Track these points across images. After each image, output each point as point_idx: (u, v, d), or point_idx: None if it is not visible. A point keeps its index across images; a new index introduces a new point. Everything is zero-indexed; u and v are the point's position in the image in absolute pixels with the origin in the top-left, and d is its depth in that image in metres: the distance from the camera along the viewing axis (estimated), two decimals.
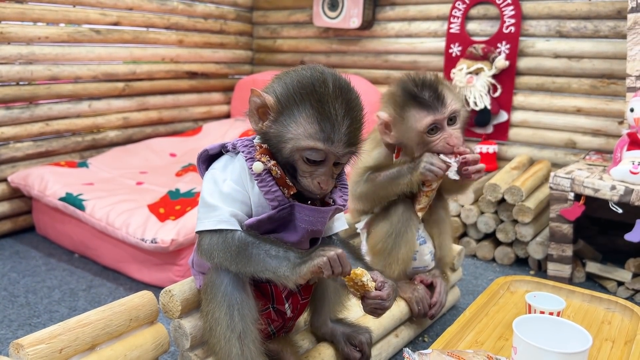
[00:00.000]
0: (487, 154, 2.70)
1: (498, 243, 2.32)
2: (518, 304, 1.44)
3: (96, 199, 2.14)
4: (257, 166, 1.03)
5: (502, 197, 2.22)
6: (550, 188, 2.02)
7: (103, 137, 2.83)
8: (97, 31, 2.70)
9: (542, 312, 1.26)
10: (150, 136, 3.06)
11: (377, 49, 3.13)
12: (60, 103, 2.63)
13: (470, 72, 2.68)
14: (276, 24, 3.57)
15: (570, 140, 2.57)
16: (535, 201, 2.20)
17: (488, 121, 2.71)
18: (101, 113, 2.81)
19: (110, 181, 2.43)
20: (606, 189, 1.88)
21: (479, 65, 2.68)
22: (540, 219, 2.27)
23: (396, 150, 1.52)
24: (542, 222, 2.27)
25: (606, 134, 2.48)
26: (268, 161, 1.04)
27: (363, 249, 1.61)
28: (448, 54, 2.83)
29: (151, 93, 3.06)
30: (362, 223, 1.66)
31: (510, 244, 2.28)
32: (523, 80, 2.67)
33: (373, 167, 1.54)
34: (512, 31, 2.63)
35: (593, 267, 2.11)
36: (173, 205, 2.10)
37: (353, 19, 3.04)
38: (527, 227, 2.18)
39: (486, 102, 2.66)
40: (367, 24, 3.09)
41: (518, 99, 2.69)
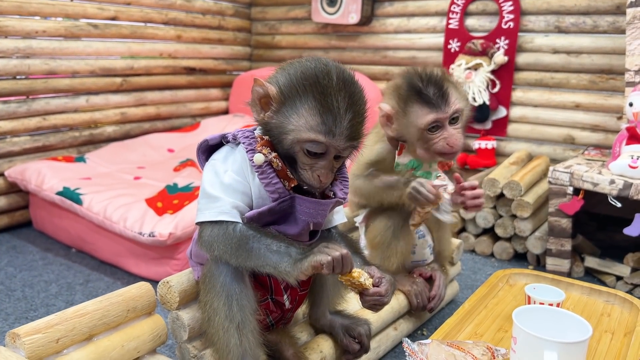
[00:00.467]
0: (486, 150, 2.70)
1: (497, 238, 2.31)
2: (517, 297, 1.44)
3: (94, 193, 2.13)
4: (258, 158, 1.03)
5: (501, 192, 2.21)
6: (549, 182, 2.02)
7: (101, 132, 2.82)
8: (95, 26, 2.69)
9: (542, 304, 1.26)
10: (148, 132, 3.05)
11: (376, 45, 3.12)
12: (57, 98, 2.61)
13: (469, 68, 2.68)
14: (274, 20, 3.56)
15: (569, 135, 2.57)
16: (534, 196, 2.20)
17: (487, 117, 2.71)
18: (99, 108, 2.80)
19: (107, 176, 2.42)
20: (605, 183, 1.87)
21: (478, 60, 2.67)
22: (538, 214, 2.26)
23: (399, 146, 1.51)
24: (541, 217, 2.27)
25: (605, 130, 2.48)
26: (269, 153, 1.03)
27: (362, 243, 1.60)
28: (447, 50, 2.82)
29: (149, 88, 3.05)
30: (361, 216, 1.65)
31: (509, 239, 2.27)
32: (522, 75, 2.66)
33: (374, 162, 1.53)
34: (511, 27, 2.62)
35: (592, 262, 2.11)
36: (171, 199, 2.10)
37: (352, 15, 3.04)
38: (526, 222, 2.18)
39: (485, 98, 2.66)
40: (366, 20, 3.08)
41: (517, 95, 2.69)
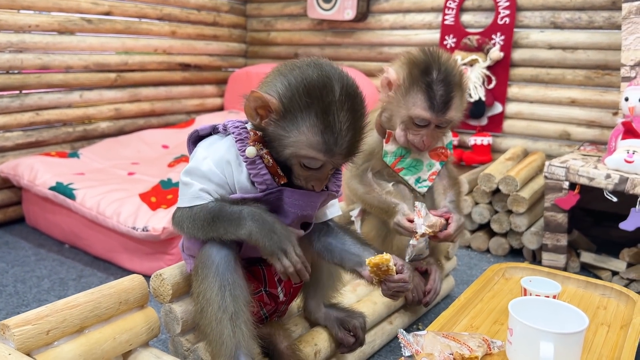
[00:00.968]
0: (482, 146, 2.69)
1: (492, 234, 2.31)
2: (513, 290, 1.43)
3: (87, 188, 2.12)
4: (250, 151, 1.02)
5: (497, 188, 2.21)
6: (545, 177, 2.01)
7: (94, 128, 2.80)
8: (89, 20, 2.67)
9: (538, 296, 1.25)
10: (142, 128, 3.03)
11: (372, 41, 3.12)
12: (50, 93, 2.59)
13: (464, 64, 2.67)
14: (270, 17, 3.55)
15: (564, 131, 2.57)
16: (529, 191, 2.19)
17: (482, 113, 2.70)
18: (93, 104, 2.78)
19: (101, 171, 2.40)
20: (601, 178, 1.87)
21: (474, 56, 2.67)
22: (534, 210, 2.26)
23: (387, 134, 1.50)
24: (537, 213, 2.27)
25: (600, 125, 2.48)
26: (261, 149, 1.02)
27: None
28: (442, 46, 2.82)
29: (143, 84, 3.03)
30: (357, 210, 1.64)
31: (504, 235, 2.27)
32: (517, 71, 2.66)
33: (366, 155, 1.52)
34: (507, 22, 2.62)
35: (587, 257, 2.10)
36: (165, 194, 2.08)
37: (347, 11, 3.03)
38: (522, 218, 2.17)
39: (480, 94, 2.65)
40: (362, 16, 3.08)
41: (512, 91, 2.68)
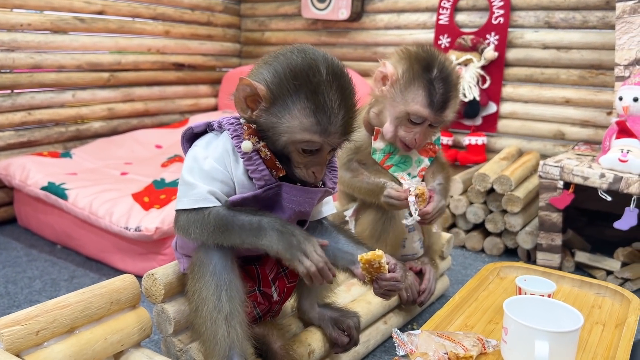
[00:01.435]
0: (476, 146, 2.69)
1: (487, 234, 2.30)
2: (508, 289, 1.43)
3: (79, 188, 2.10)
4: (246, 145, 1.00)
5: (491, 187, 2.20)
6: (539, 177, 2.01)
7: (87, 128, 2.78)
8: (82, 19, 2.65)
9: (533, 295, 1.24)
10: (135, 128, 3.01)
11: (366, 41, 3.11)
12: (43, 92, 2.57)
13: (459, 64, 2.67)
14: (264, 17, 3.53)
15: (559, 131, 2.57)
16: (524, 191, 2.19)
17: (477, 113, 2.70)
18: (85, 103, 2.76)
19: (94, 171, 2.38)
20: (595, 177, 1.87)
21: (468, 56, 2.67)
22: (529, 209, 2.26)
23: (374, 131, 1.50)
24: (531, 213, 2.26)
25: (595, 125, 2.48)
26: (257, 142, 1.01)
27: None
28: (437, 46, 2.81)
29: (137, 84, 3.01)
30: (351, 210, 1.63)
31: (499, 234, 2.26)
32: (512, 71, 2.66)
33: (353, 151, 1.53)
34: (501, 22, 2.62)
35: (582, 257, 2.10)
36: (158, 194, 2.07)
37: (342, 10, 3.02)
38: (516, 217, 2.17)
39: (475, 94, 2.65)
40: (356, 16, 3.07)
41: (507, 91, 2.68)
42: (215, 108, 3.51)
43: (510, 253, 2.29)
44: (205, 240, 1.02)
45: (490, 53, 2.62)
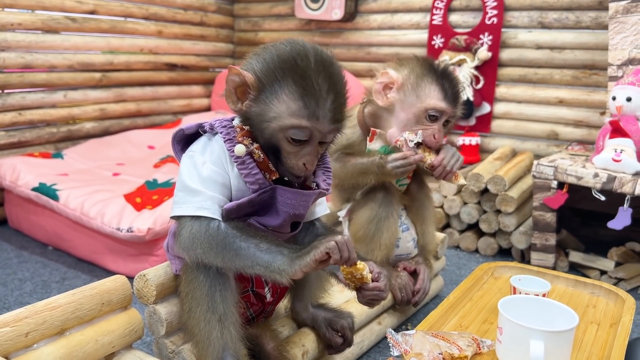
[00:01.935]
0: (470, 146, 2.69)
1: (481, 234, 2.30)
2: (502, 289, 1.42)
3: (70, 189, 2.08)
4: (239, 149, 0.98)
5: (485, 187, 2.20)
6: (533, 176, 2.01)
7: (79, 129, 2.75)
8: (73, 19, 2.63)
9: (527, 294, 1.24)
10: (128, 128, 2.99)
11: (360, 41, 3.10)
12: (34, 92, 2.55)
13: (452, 64, 2.67)
14: (257, 17, 3.52)
15: (552, 131, 2.57)
16: (518, 191, 2.19)
17: (470, 113, 2.70)
18: (77, 104, 2.74)
19: (85, 172, 2.36)
20: (589, 177, 1.87)
21: (462, 56, 2.67)
22: (523, 210, 2.26)
23: (371, 132, 1.49)
24: (525, 213, 2.26)
25: (588, 125, 2.48)
26: (250, 144, 0.99)
27: None
28: (430, 46, 2.81)
29: (129, 84, 2.99)
30: (344, 211, 1.62)
31: (493, 235, 2.26)
32: (505, 71, 2.66)
33: (344, 147, 1.52)
34: (495, 22, 2.62)
35: (576, 257, 2.10)
36: (150, 195, 2.05)
37: (335, 11, 3.02)
38: (510, 217, 2.17)
39: (468, 94, 2.65)
40: (350, 16, 3.06)
41: (500, 91, 2.68)
42: (208, 109, 3.49)
43: (504, 253, 2.28)
44: (212, 259, 0.96)
45: (483, 53, 2.62)
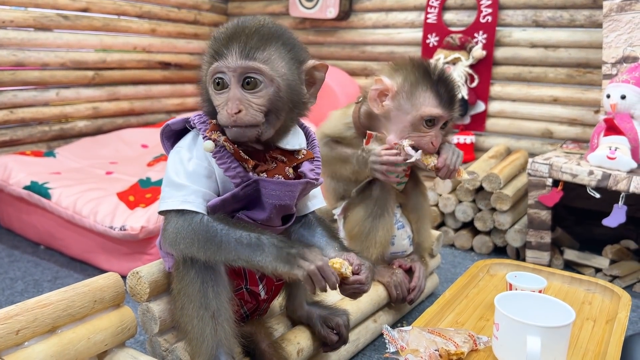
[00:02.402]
0: (465, 145, 2.68)
1: (476, 232, 2.30)
2: (498, 286, 1.42)
3: (63, 188, 2.06)
4: (207, 145, 0.97)
5: (480, 185, 2.20)
6: (528, 174, 2.00)
7: (72, 127, 2.73)
8: (66, 17, 2.61)
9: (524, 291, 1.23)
10: (121, 127, 2.97)
11: (354, 40, 3.10)
12: (26, 90, 2.53)
13: (447, 62, 2.67)
14: (251, 15, 3.50)
15: (547, 130, 2.58)
16: (513, 189, 2.19)
17: (465, 112, 2.70)
18: (70, 102, 2.72)
19: (78, 171, 2.34)
20: (584, 174, 1.87)
21: (456, 55, 2.66)
22: (518, 208, 2.25)
23: (367, 135, 1.47)
24: (520, 211, 2.26)
25: (582, 123, 2.49)
26: (219, 137, 0.98)
27: (341, 235, 1.56)
28: (425, 44, 2.81)
29: (122, 83, 2.97)
30: (339, 209, 1.62)
31: (488, 233, 2.26)
32: (500, 70, 2.66)
33: (330, 135, 1.52)
34: (489, 21, 2.62)
35: (571, 255, 2.10)
36: (143, 193, 2.03)
37: (330, 9, 3.01)
38: (505, 215, 2.17)
39: (463, 93, 2.65)
40: (344, 15, 3.06)
41: (495, 89, 2.69)
42: (201, 107, 3.47)
43: (499, 251, 2.28)
44: (195, 252, 0.97)
45: (478, 52, 2.62)
